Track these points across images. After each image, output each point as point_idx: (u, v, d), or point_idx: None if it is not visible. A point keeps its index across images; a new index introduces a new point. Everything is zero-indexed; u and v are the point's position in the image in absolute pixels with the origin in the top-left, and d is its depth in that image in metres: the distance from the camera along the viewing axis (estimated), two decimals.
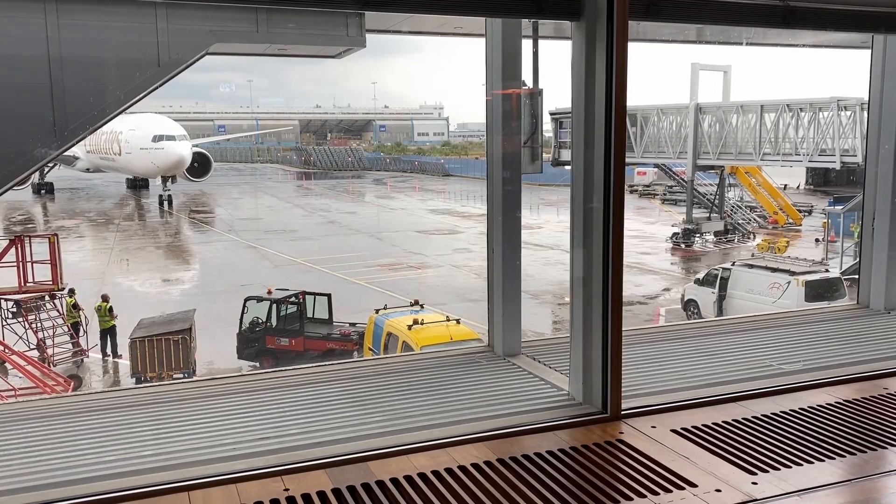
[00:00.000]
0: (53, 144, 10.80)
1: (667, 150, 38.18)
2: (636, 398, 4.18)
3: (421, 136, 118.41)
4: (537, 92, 14.64)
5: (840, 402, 4.22)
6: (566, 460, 3.53)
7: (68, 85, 13.50)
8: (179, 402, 4.30)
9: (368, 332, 19.67)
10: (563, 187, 48.68)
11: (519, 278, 5.05)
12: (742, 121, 35.36)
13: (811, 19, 5.04)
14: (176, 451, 3.63)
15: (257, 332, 21.07)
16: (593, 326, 4.07)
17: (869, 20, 5.27)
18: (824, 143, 31.92)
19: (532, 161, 17.30)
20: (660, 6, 4.57)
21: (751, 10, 4.90)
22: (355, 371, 4.83)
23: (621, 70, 3.80)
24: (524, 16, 4.70)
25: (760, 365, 4.81)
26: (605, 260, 3.97)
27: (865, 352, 5.07)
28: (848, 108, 30.90)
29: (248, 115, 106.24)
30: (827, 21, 5.17)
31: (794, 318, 6.04)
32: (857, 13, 5.14)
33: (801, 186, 57.60)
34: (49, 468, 3.50)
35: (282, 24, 18.92)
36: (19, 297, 20.88)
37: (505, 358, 4.95)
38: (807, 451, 3.61)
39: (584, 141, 4.00)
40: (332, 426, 3.89)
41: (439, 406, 4.16)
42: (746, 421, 3.96)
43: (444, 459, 3.54)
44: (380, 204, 59.43)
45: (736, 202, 42.38)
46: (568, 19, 4.04)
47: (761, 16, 4.96)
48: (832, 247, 31.30)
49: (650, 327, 7.23)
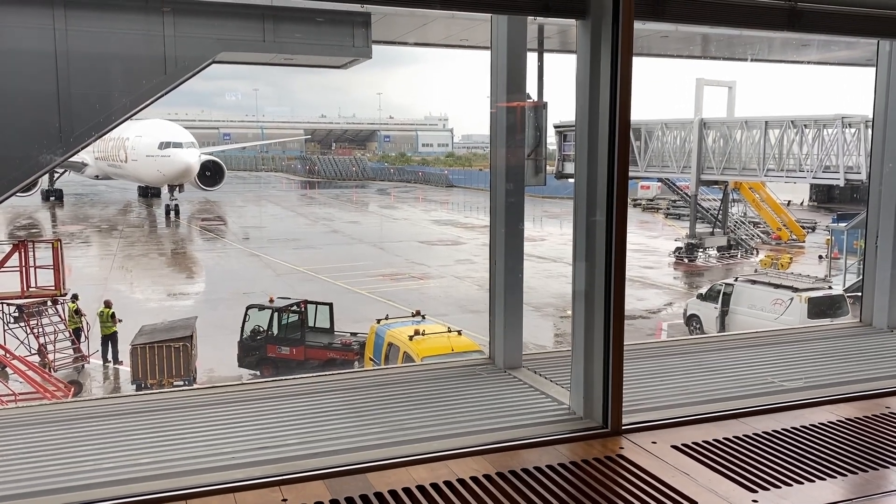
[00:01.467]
0: (59, 150, 10.82)
1: (671, 165, 38.19)
2: (637, 413, 4.16)
3: (425, 147, 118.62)
4: (542, 105, 14.76)
5: (842, 421, 4.19)
6: (566, 475, 3.51)
7: (75, 91, 13.59)
8: (179, 409, 4.29)
9: (370, 342, 19.63)
10: (566, 200, 48.70)
11: (521, 290, 5.04)
12: (746, 136, 35.39)
13: (818, 21, 5.00)
14: (175, 459, 3.62)
15: (258, 341, 21.06)
16: (595, 340, 4.06)
17: (877, 24, 5.22)
18: (828, 160, 31.94)
19: (536, 173, 17.34)
20: (665, 6, 4.57)
21: (756, 12, 4.88)
22: (355, 381, 4.81)
23: (626, 70, 3.79)
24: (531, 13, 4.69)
25: (762, 382, 4.79)
26: (607, 273, 3.96)
27: (868, 370, 5.04)
28: (852, 126, 30.93)
29: (254, 124, 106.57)
30: (833, 24, 5.12)
31: (797, 335, 6.02)
32: (864, 16, 5.09)
33: (805, 203, 57.55)
34: (47, 475, 3.49)
35: (288, 33, 18.93)
36: (22, 301, 20.90)
37: (506, 370, 4.93)
38: (808, 470, 3.59)
39: (588, 145, 3.99)
40: (331, 437, 3.88)
41: (439, 418, 4.14)
42: (748, 438, 3.94)
43: (444, 472, 3.53)
44: (383, 214, 59.50)
45: (739, 218, 42.35)
46: (573, 17, 4.05)
47: (766, 17, 4.93)
48: (835, 264, 31.23)
49: (652, 342, 7.21)
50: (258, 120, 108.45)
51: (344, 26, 19.00)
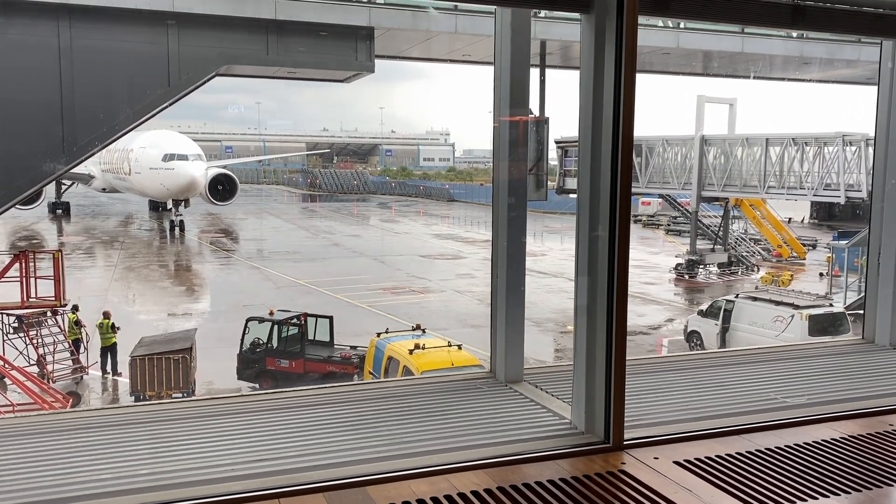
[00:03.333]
0: (62, 160, 10.88)
1: (671, 181, 38.27)
2: (639, 428, 4.14)
3: (427, 161, 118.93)
4: (543, 120, 14.84)
5: (845, 438, 4.17)
6: (567, 490, 3.49)
7: (79, 102, 13.65)
8: (177, 421, 4.27)
9: (369, 355, 19.58)
10: (567, 215, 48.75)
11: (523, 305, 5.02)
12: (747, 153, 35.47)
13: (820, 19, 4.98)
14: (173, 471, 3.59)
15: (258, 353, 21.00)
16: (597, 355, 4.04)
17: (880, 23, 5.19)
18: (829, 178, 32.00)
19: (537, 188, 17.47)
20: (668, 1, 4.56)
21: (758, 8, 4.87)
22: (355, 394, 4.79)
23: (630, 65, 3.78)
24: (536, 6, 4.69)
25: (764, 398, 4.76)
26: (609, 288, 3.94)
27: (870, 387, 5.02)
28: (853, 144, 31.01)
29: (256, 137, 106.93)
30: (836, 22, 5.10)
31: (799, 352, 6.00)
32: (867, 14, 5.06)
33: (806, 220, 57.60)
34: (44, 485, 3.46)
35: (292, 47, 19.04)
36: (22, 312, 20.87)
37: (507, 384, 4.91)
38: (811, 487, 3.56)
39: (592, 148, 3.97)
40: (331, 449, 3.85)
41: (440, 431, 4.11)
42: (750, 454, 3.91)
43: (444, 486, 3.50)
44: (384, 227, 59.54)
45: (740, 234, 42.37)
46: (577, 11, 4.04)
47: (769, 13, 4.91)
48: (836, 281, 31.20)
49: (653, 357, 7.17)
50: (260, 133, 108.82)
51: (347, 40, 19.13)
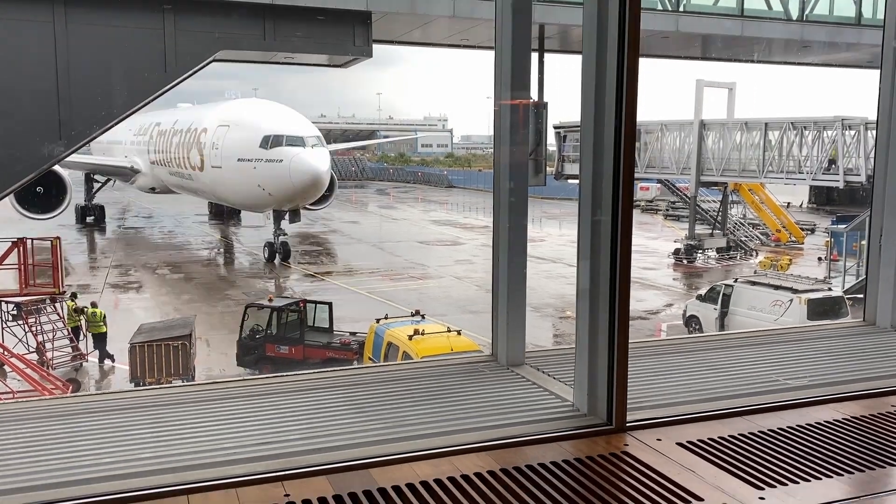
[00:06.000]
0: (60, 144, 10.81)
1: (670, 166, 38.24)
2: (641, 410, 4.13)
3: (425, 148, 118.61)
4: (542, 105, 14.81)
5: (847, 419, 4.17)
6: (570, 471, 3.49)
7: (75, 86, 13.57)
8: (179, 405, 4.26)
9: (369, 341, 19.63)
10: (566, 201, 48.70)
11: (524, 287, 5.01)
12: (746, 138, 35.43)
13: None
14: (175, 454, 3.59)
15: (257, 340, 21.03)
16: (599, 337, 4.03)
17: None
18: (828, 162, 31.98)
19: (535, 174, 17.43)
20: None
21: None
22: (358, 378, 4.78)
23: (633, 48, 3.74)
24: None
25: (766, 380, 4.76)
26: (612, 271, 3.93)
27: (872, 369, 5.02)
28: (852, 128, 30.96)
29: None
30: None
31: (800, 334, 5.99)
32: None
33: (804, 205, 57.60)
34: (46, 469, 3.46)
35: (289, 31, 18.93)
36: (20, 299, 20.88)
37: (509, 367, 4.90)
38: (814, 467, 3.56)
39: (594, 136, 3.95)
40: (334, 432, 3.85)
41: (442, 414, 4.11)
42: (752, 435, 3.91)
43: (447, 468, 3.50)
44: (382, 214, 59.49)
45: (739, 219, 42.37)
46: None
47: None
48: (835, 265, 31.25)
49: (655, 340, 7.19)
50: None
51: (345, 25, 18.99)
